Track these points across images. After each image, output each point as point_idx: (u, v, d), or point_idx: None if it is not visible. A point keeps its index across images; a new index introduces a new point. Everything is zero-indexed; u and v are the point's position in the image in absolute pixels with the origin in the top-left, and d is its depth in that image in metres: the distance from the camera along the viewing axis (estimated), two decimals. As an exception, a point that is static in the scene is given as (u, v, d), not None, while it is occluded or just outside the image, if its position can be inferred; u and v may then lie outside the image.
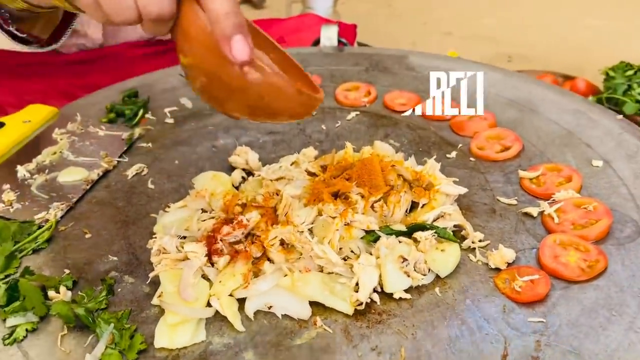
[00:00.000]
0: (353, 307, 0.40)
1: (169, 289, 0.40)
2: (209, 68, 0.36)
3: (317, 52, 0.81)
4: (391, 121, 0.65)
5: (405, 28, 1.75)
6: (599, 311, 0.38)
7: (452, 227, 0.46)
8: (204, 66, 0.36)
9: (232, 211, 0.48)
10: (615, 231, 0.46)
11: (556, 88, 0.69)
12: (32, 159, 0.55)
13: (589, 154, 0.56)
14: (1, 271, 0.42)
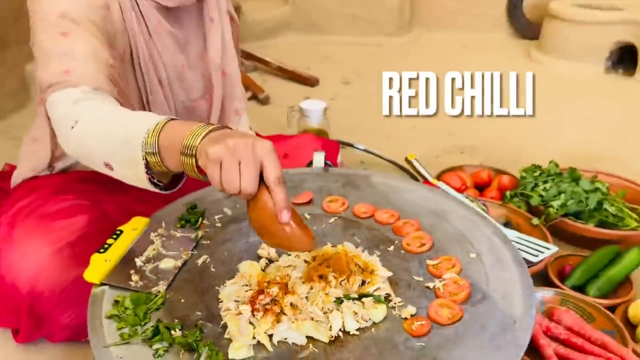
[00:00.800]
0: (329, 338, 0.77)
1: (233, 330, 0.77)
2: (264, 222, 0.74)
3: (311, 172, 1.20)
4: (356, 224, 1.03)
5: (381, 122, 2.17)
6: (451, 339, 0.76)
7: (383, 294, 0.84)
8: (262, 220, 0.74)
9: (262, 286, 0.85)
10: (472, 297, 0.83)
11: (461, 202, 1.08)
12: (142, 254, 0.93)
13: (469, 249, 0.94)
14: (141, 321, 0.80)
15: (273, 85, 2.51)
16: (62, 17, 0.93)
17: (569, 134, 2.08)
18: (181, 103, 1.23)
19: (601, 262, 1.25)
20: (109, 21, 1.02)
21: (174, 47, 1.17)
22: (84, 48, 0.93)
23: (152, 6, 1.09)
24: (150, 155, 0.77)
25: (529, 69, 2.70)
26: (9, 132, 2.03)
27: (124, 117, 0.83)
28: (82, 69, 0.91)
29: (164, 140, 0.75)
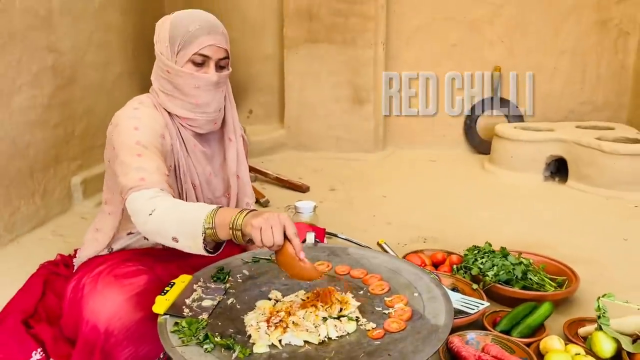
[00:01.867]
0: (318, 341, 1.17)
1: (255, 336, 1.18)
2: (288, 261, 1.19)
3: (305, 246, 1.66)
4: (337, 278, 1.47)
5: (361, 219, 2.65)
6: (398, 339, 1.16)
7: (354, 316, 1.25)
8: (287, 260, 1.19)
9: (273, 314, 1.27)
10: (413, 317, 1.24)
11: (411, 264, 1.53)
12: (189, 296, 1.35)
13: (414, 290, 1.35)
14: (194, 335, 1.20)
15: (272, 192, 3.01)
16: (137, 143, 1.40)
17: (512, 227, 2.56)
18: (208, 199, 1.69)
19: (522, 313, 1.67)
20: (165, 145, 1.50)
21: (204, 160, 1.65)
22: (152, 164, 1.38)
23: (190, 134, 1.57)
24: (208, 230, 1.23)
25: (482, 177, 3.28)
26: (55, 231, 2.46)
27: (187, 206, 1.29)
28: (152, 178, 1.34)
29: (217, 220, 1.22)
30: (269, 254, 1.57)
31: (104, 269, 1.49)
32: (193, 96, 1.47)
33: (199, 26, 1.43)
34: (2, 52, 2.17)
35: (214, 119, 1.56)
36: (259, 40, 3.88)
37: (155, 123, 1.47)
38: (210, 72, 1.46)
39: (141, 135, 1.42)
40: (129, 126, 1.42)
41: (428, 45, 3.79)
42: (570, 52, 3.72)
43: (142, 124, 1.43)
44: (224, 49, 1.48)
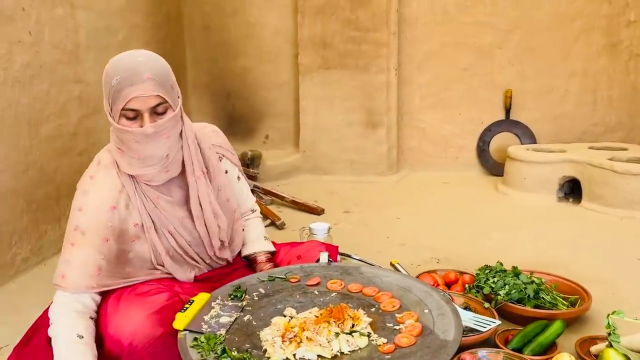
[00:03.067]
0: (331, 356, 1.22)
1: (270, 350, 1.23)
2: None
3: (318, 265, 1.71)
4: (350, 296, 1.51)
5: (375, 240, 2.70)
6: (407, 354, 1.21)
7: (366, 332, 1.30)
8: None
9: (288, 329, 1.32)
10: (423, 332, 1.29)
11: (422, 282, 1.57)
12: (208, 313, 1.41)
13: (424, 307, 1.40)
14: (212, 348, 1.26)
15: (287, 214, 3.08)
16: (75, 229, 1.40)
17: (525, 247, 2.58)
18: (189, 242, 1.63)
19: (534, 331, 1.69)
20: (116, 217, 1.45)
21: (173, 207, 1.59)
22: (80, 258, 1.41)
23: (150, 188, 1.53)
24: None
25: (496, 199, 3.31)
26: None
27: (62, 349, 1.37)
28: (71, 278, 1.40)
29: None
30: (285, 272, 1.63)
31: (125, 288, 1.57)
32: (135, 150, 1.40)
33: (120, 78, 1.32)
34: (31, 84, 2.30)
35: (163, 168, 1.46)
36: (274, 68, 4.00)
37: (105, 194, 1.46)
38: (145, 124, 1.35)
39: (82, 219, 1.44)
40: (75, 207, 1.46)
41: (439, 69, 3.87)
42: (581, 74, 3.76)
43: (87, 202, 1.45)
44: (155, 96, 1.34)
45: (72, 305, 1.42)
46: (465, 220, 2.97)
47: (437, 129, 3.94)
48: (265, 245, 1.89)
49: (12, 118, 2.18)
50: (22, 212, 2.25)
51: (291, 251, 1.87)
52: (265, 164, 3.61)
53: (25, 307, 1.98)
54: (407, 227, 2.88)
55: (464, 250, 2.55)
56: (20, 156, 2.23)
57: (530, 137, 3.81)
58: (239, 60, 3.93)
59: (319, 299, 1.49)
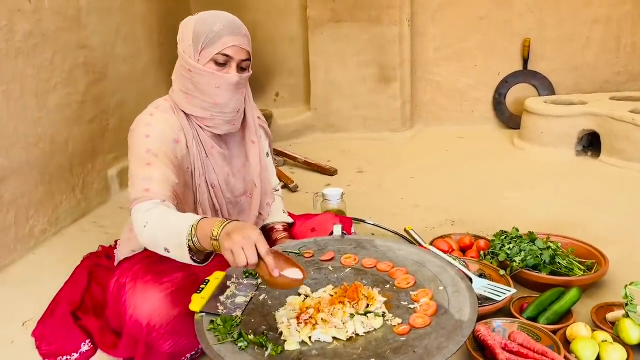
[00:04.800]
0: (346, 338, 1.23)
1: (286, 333, 1.24)
2: (267, 277, 1.22)
3: (332, 239, 1.70)
4: (364, 272, 1.51)
5: (389, 202, 2.67)
6: (423, 335, 1.21)
7: (381, 312, 1.30)
8: (265, 277, 1.23)
9: (303, 310, 1.33)
10: (438, 312, 1.28)
11: (437, 256, 1.56)
12: (224, 293, 1.42)
13: (439, 284, 1.39)
14: (229, 332, 1.27)
15: (300, 176, 3.06)
16: (147, 152, 1.45)
17: (542, 207, 2.54)
18: (227, 199, 1.72)
19: (550, 299, 1.68)
20: (178, 150, 1.55)
21: (223, 162, 1.68)
22: (160, 173, 1.41)
23: (208, 135, 1.61)
24: (191, 242, 1.28)
25: (512, 154, 3.25)
26: (96, 222, 2.57)
27: (176, 218, 1.34)
28: (156, 189, 1.38)
29: (199, 232, 1.27)
30: (299, 247, 1.63)
31: (141, 267, 1.58)
32: (212, 95, 1.50)
33: (223, 26, 1.45)
34: (35, 53, 2.25)
35: (231, 119, 1.57)
36: (283, 22, 3.87)
37: (168, 128, 1.53)
38: (231, 72, 1.49)
39: (152, 143, 1.46)
40: (142, 134, 1.49)
41: (454, 19, 3.71)
42: (604, 21, 3.59)
43: (154, 131, 1.49)
44: (247, 51, 1.50)
45: (161, 205, 1.39)
46: (480, 178, 2.93)
47: (452, 82, 3.82)
48: (284, 217, 1.90)
49: (19, 91, 2.15)
50: (36, 185, 2.26)
51: (306, 223, 1.87)
52: (276, 124, 3.56)
53: (46, 278, 2.02)
54: (421, 187, 2.85)
55: (479, 211, 2.52)
56: (30, 129, 2.22)
57: (549, 88, 3.69)
58: (247, 14, 3.80)
59: (333, 275, 1.49)
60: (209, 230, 1.25)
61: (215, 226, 1.25)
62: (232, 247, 1.17)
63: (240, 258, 1.18)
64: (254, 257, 1.19)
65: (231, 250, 1.17)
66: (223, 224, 1.24)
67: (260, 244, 1.19)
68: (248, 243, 1.18)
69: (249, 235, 1.19)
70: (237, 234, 1.18)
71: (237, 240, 1.18)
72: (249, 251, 1.18)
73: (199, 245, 1.28)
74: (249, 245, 1.18)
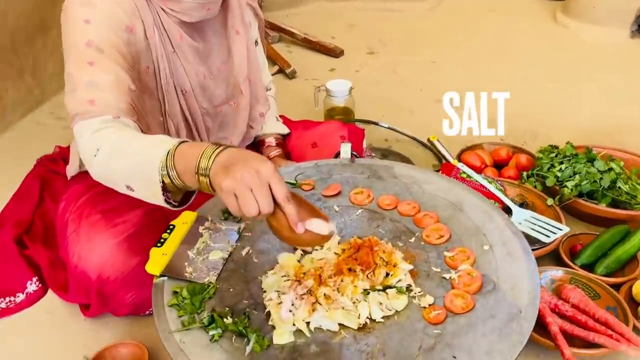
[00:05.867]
0: (357, 325, 0.90)
1: (275, 317, 0.90)
2: (284, 233, 0.86)
3: (338, 163, 1.31)
4: (381, 216, 1.14)
5: (405, 95, 2.23)
6: (464, 327, 0.88)
7: (405, 286, 0.96)
8: (282, 231, 0.86)
9: (299, 276, 0.98)
10: (483, 287, 0.94)
11: (476, 194, 1.18)
12: (194, 246, 1.06)
13: (484, 241, 1.04)
14: (198, 309, 0.93)
15: (299, 57, 2.55)
16: (88, 45, 1.01)
17: (590, 105, 2.11)
18: (204, 110, 1.31)
19: (610, 241, 1.34)
20: (132, 42, 1.10)
21: (196, 58, 1.23)
22: (107, 77, 1.01)
23: (175, 22, 1.16)
24: (167, 177, 0.88)
25: (554, 33, 2.72)
26: (54, 112, 2.16)
27: (139, 143, 0.93)
28: (105, 99, 0.99)
29: (178, 163, 0.86)
30: (295, 175, 1.25)
31: (87, 200, 1.20)
32: None
33: None
34: None
35: (206, 1, 1.14)
36: None
37: (118, 10, 1.07)
38: None
39: (94, 31, 1.03)
40: (78, 17, 1.03)
41: None
42: None
43: (96, 13, 1.03)
44: None
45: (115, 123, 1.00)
46: (514, 66, 2.45)
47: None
48: (277, 127, 1.49)
49: None
50: (-29, 71, 1.81)
51: (304, 135, 1.47)
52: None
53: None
54: (444, 76, 2.38)
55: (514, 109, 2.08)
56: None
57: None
58: None
59: (340, 219, 1.13)
60: (192, 161, 0.85)
61: (204, 155, 0.85)
62: (235, 187, 0.79)
63: (249, 204, 0.80)
64: (268, 203, 0.81)
65: (234, 192, 0.80)
66: (214, 152, 0.85)
67: (276, 183, 0.81)
68: (258, 182, 0.80)
69: (258, 169, 0.80)
70: (239, 168, 0.80)
71: (241, 177, 0.79)
72: (261, 194, 0.80)
73: (177, 181, 0.89)
74: (259, 185, 0.80)
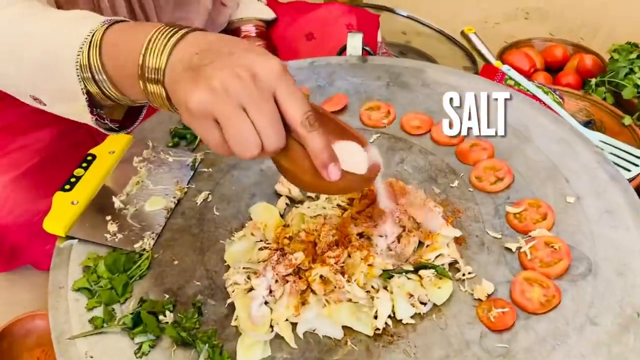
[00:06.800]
0: (372, 330, 0.56)
1: (242, 315, 0.57)
2: (304, 179, 0.48)
3: (344, 62, 0.91)
4: (406, 145, 0.77)
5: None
6: (548, 340, 0.54)
7: (447, 263, 0.61)
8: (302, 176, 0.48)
9: (281, 242, 0.63)
10: (572, 268, 0.60)
11: (550, 114, 0.80)
12: (123, 190, 0.70)
13: (566, 189, 0.68)
14: (121, 296, 0.59)
15: None
16: None
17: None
18: None
19: None
20: None
21: None
22: None
23: None
24: (92, 83, 0.49)
25: None
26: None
27: (45, 26, 0.53)
28: None
29: (110, 60, 0.47)
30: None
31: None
32: None
33: None
34: None
35: None
36: None
37: None
38: None
39: None
40: None
41: None
42: None
43: None
44: None
45: None
46: None
47: None
48: (259, 10, 1.07)
49: None
50: None
51: (297, 23, 1.06)
52: None
53: None
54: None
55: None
56: None
57: None
58: None
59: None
60: (132, 56, 0.47)
61: (153, 44, 0.46)
62: (214, 106, 0.42)
63: (243, 136, 0.43)
64: (277, 132, 0.44)
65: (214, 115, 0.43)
66: (170, 38, 0.46)
67: (288, 94, 0.44)
68: (257, 93, 0.43)
69: (254, 69, 0.43)
70: (219, 68, 0.43)
71: (224, 85, 0.42)
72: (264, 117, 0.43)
73: (111, 91, 0.52)
74: (258, 100, 0.43)
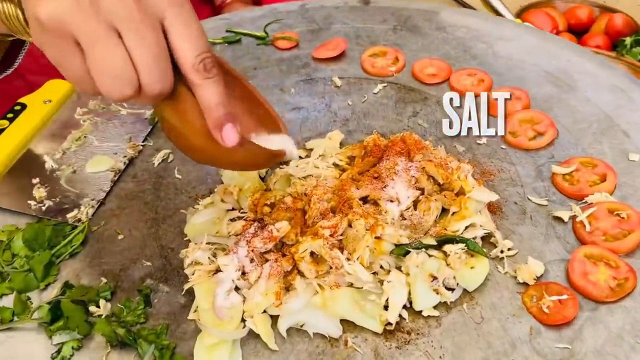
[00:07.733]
0: (382, 325, 0.41)
1: (204, 306, 0.41)
2: (194, 142, 0.36)
3: (343, 5, 0.76)
4: (420, 96, 0.62)
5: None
6: (624, 338, 0.39)
7: (480, 236, 0.46)
8: (190, 139, 0.36)
9: (260, 211, 0.48)
10: (646, 243, 0.46)
11: (596, 58, 0.65)
12: (59, 147, 0.55)
13: (626, 144, 0.54)
14: (41, 281, 0.44)
15: None
16: None
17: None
18: None
19: None
20: None
21: None
22: None
23: None
24: None
25: None
26: None
27: None
28: None
29: None
30: (262, 26, 0.71)
31: None
32: None
33: None
34: None
35: None
36: None
37: None
38: None
39: None
40: None
41: None
42: None
43: None
44: None
45: None
46: None
47: None
48: None
49: None
50: None
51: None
52: None
53: None
54: None
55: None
56: None
57: None
58: None
59: (344, 101, 0.60)
60: None
61: None
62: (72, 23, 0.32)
63: (110, 67, 0.32)
64: (160, 70, 0.33)
65: (73, 34, 0.32)
66: None
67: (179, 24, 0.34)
68: (138, 15, 0.32)
69: None
70: None
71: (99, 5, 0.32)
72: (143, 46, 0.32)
73: None
74: (137, 25, 0.32)
